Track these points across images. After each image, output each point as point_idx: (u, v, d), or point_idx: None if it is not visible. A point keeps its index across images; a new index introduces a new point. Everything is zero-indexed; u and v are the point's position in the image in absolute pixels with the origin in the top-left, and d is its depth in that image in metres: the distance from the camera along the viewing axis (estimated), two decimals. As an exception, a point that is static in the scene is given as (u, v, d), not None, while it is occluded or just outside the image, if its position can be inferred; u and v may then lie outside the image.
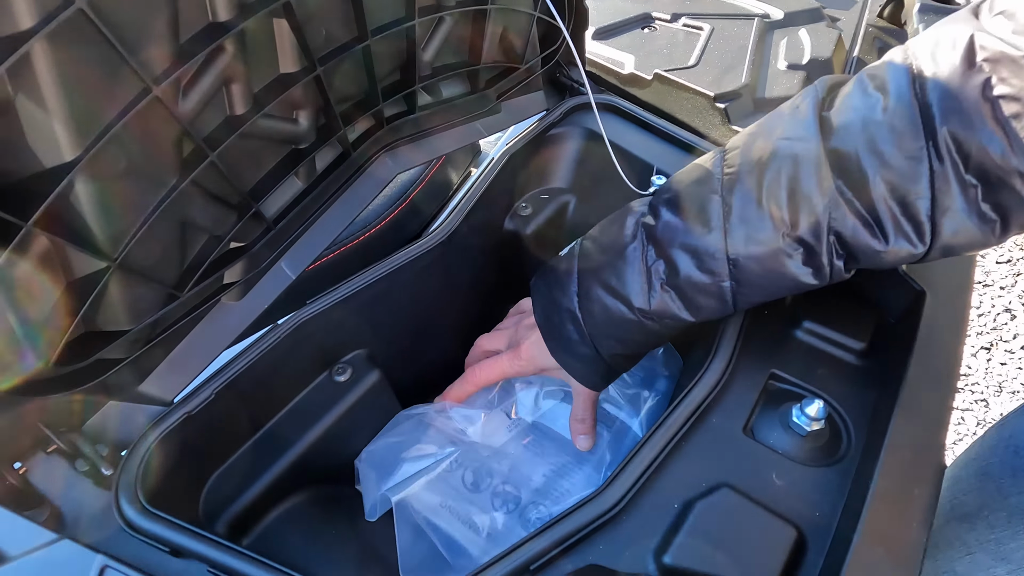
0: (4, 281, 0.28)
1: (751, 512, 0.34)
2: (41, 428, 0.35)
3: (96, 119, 0.29)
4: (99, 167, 0.30)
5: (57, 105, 0.28)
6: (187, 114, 0.33)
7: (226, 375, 0.41)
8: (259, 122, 0.37)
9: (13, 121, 0.27)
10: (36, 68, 0.26)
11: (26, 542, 0.30)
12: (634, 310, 0.42)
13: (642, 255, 0.42)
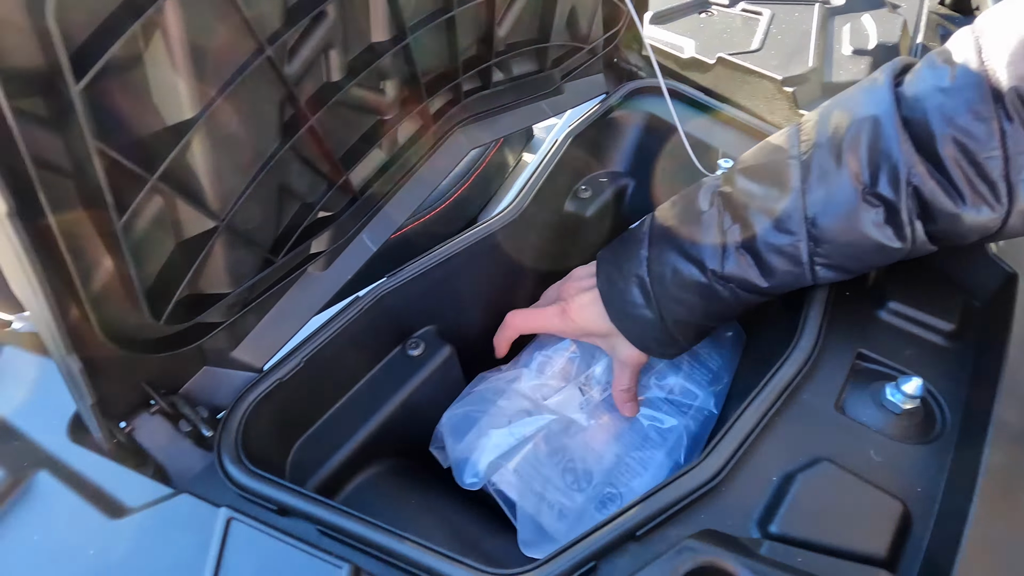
0: (128, 235, 0.29)
1: (855, 486, 0.33)
2: (145, 388, 0.36)
3: (214, 78, 0.30)
4: (214, 126, 0.31)
5: (181, 63, 0.28)
6: (292, 77, 0.33)
7: (314, 344, 0.41)
8: (351, 90, 0.38)
9: (141, 77, 0.28)
10: (165, 25, 0.27)
11: (143, 496, 0.31)
12: (707, 272, 0.42)
13: (718, 220, 0.42)
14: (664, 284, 0.44)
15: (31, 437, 0.34)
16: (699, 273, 0.42)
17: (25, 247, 0.25)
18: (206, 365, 0.39)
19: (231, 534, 0.28)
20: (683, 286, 0.43)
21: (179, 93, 0.28)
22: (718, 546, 0.29)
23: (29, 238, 0.25)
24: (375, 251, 0.45)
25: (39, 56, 0.23)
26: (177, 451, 0.36)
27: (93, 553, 0.29)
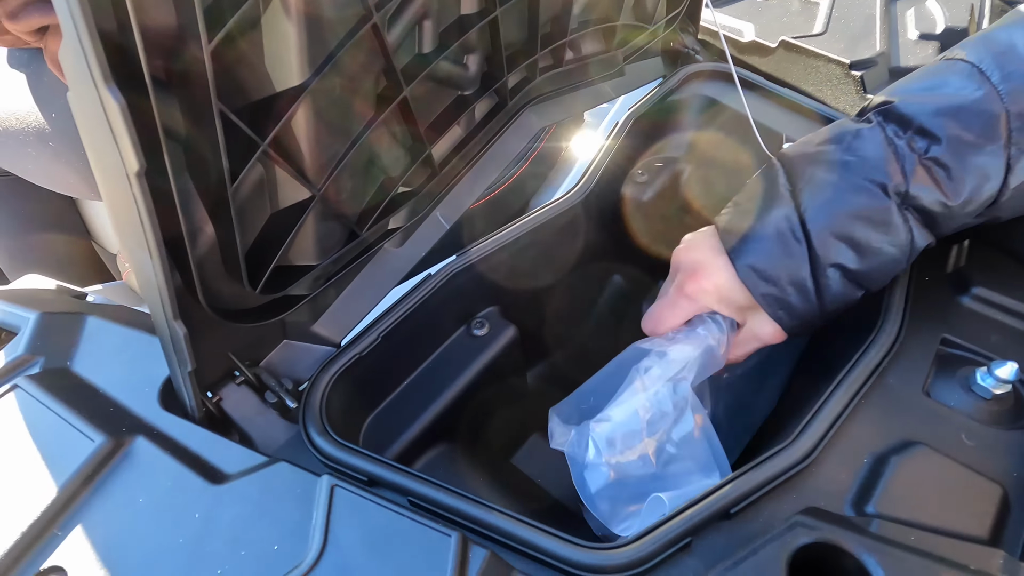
0: (234, 202, 0.29)
1: (952, 469, 0.33)
2: (231, 359, 0.36)
3: (322, 44, 0.30)
4: (317, 94, 0.30)
5: (295, 28, 0.28)
6: (390, 46, 0.33)
7: (390, 320, 0.41)
8: (438, 64, 0.38)
9: (257, 41, 0.27)
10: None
11: (240, 463, 0.31)
12: (887, 192, 0.36)
13: (883, 135, 0.37)
14: (823, 220, 0.37)
15: (125, 405, 0.35)
16: (875, 194, 0.36)
17: (148, 207, 0.25)
18: (286, 339, 0.40)
19: (336, 501, 0.29)
20: (848, 219, 0.37)
21: (290, 59, 0.28)
22: (830, 523, 0.28)
23: (152, 199, 0.25)
24: (448, 228, 0.44)
25: (172, 15, 0.23)
26: (263, 421, 0.36)
27: (199, 516, 0.29)
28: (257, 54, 0.28)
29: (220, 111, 0.25)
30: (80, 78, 0.22)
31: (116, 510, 0.29)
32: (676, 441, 0.41)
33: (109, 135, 0.23)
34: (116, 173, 0.24)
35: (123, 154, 0.23)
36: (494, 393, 0.51)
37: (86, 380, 0.36)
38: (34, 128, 0.57)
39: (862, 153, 0.38)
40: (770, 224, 0.39)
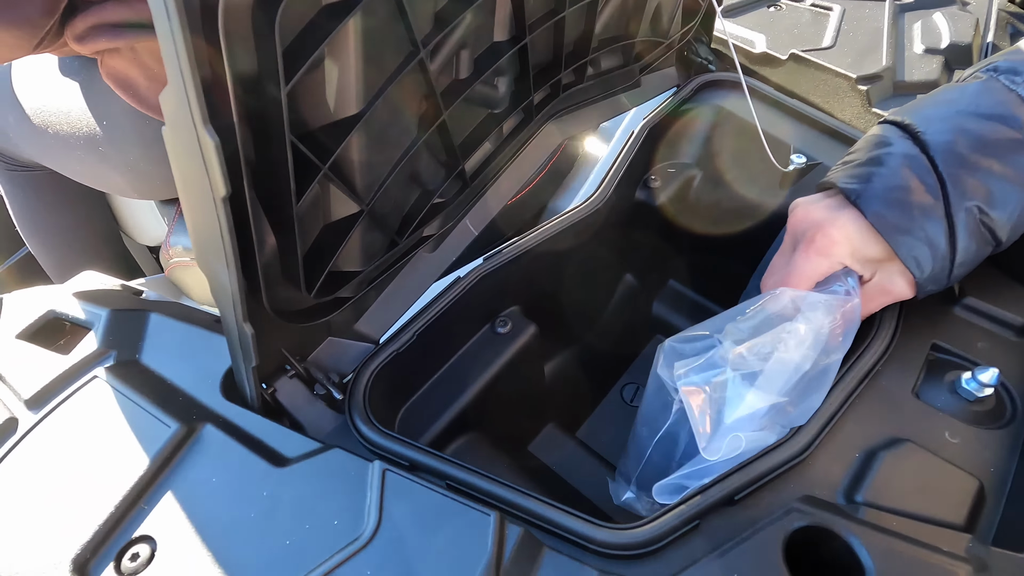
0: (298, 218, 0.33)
1: (934, 463, 0.36)
2: (283, 354, 0.40)
3: (376, 77, 0.33)
4: (370, 121, 0.34)
5: (353, 64, 0.31)
6: (434, 75, 0.37)
7: (424, 319, 0.45)
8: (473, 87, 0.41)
9: (320, 77, 0.31)
10: (345, 29, 0.30)
11: (298, 448, 0.35)
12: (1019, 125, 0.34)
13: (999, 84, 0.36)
14: (957, 158, 0.35)
15: (191, 394, 0.39)
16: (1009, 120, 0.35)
17: (230, 228, 0.29)
18: (330, 336, 0.43)
19: (388, 483, 0.33)
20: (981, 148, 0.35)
21: (349, 91, 0.32)
22: (822, 509, 0.32)
23: (236, 232, 0.28)
24: (476, 235, 0.48)
25: (255, 62, 0.27)
26: (313, 411, 0.40)
27: (267, 495, 0.33)
28: (320, 88, 0.31)
29: (291, 142, 0.29)
30: (180, 118, 0.26)
31: (193, 487, 0.33)
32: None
33: (202, 167, 0.27)
34: (203, 197, 0.28)
35: (212, 182, 0.27)
36: (514, 386, 0.55)
37: (155, 371, 0.40)
38: (84, 133, 0.60)
39: (976, 91, 0.36)
40: (893, 165, 0.37)
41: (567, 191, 0.74)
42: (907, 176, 0.37)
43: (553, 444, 0.65)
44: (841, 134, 0.61)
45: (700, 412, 0.38)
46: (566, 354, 0.68)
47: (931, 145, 0.37)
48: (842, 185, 0.40)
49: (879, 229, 0.38)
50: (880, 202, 0.38)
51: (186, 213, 0.30)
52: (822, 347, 0.39)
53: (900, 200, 0.37)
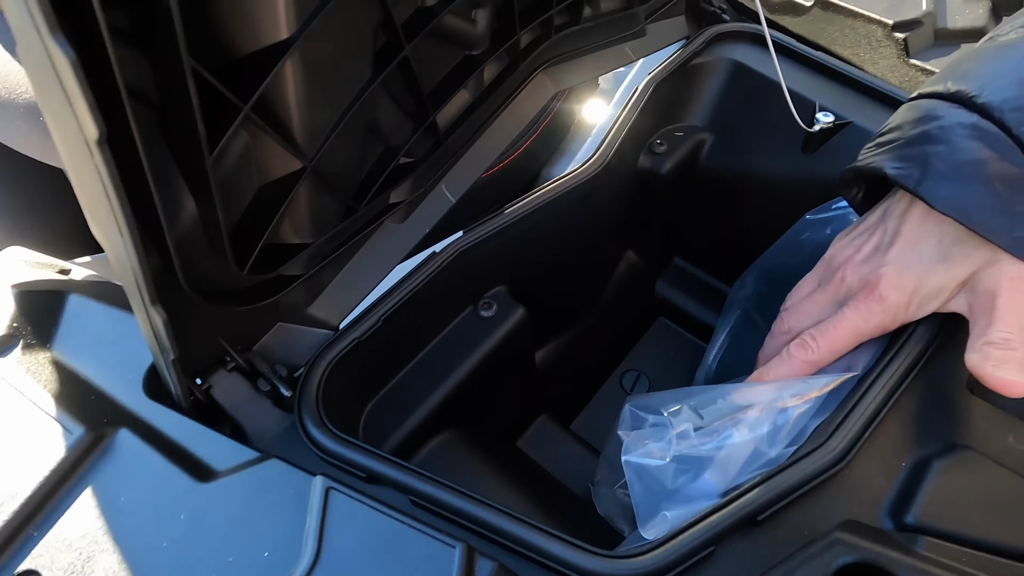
0: (215, 174, 0.26)
1: (1000, 475, 0.30)
2: (221, 344, 0.33)
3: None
4: (307, 51, 0.27)
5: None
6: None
7: (391, 301, 0.38)
8: (444, 18, 0.34)
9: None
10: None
11: (229, 458, 0.29)
12: None
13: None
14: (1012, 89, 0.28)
15: (107, 392, 0.32)
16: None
17: (114, 180, 0.22)
18: (280, 321, 0.37)
19: (331, 505, 0.26)
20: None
21: (276, 9, 0.25)
22: (872, 541, 0.26)
23: (119, 170, 0.22)
24: (455, 203, 0.41)
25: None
26: (256, 411, 0.34)
27: (185, 518, 0.27)
28: (238, 4, 0.24)
29: (193, 69, 0.22)
30: (24, 28, 0.19)
31: (96, 509, 0.27)
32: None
33: (63, 97, 0.20)
34: (75, 140, 0.21)
35: (80, 119, 0.20)
36: (501, 376, 0.48)
37: (66, 364, 0.33)
38: (24, 101, 0.53)
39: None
40: (953, 139, 0.29)
41: (564, 156, 0.67)
42: (976, 148, 0.29)
43: (545, 438, 0.59)
44: (874, 89, 0.53)
45: (640, 490, 0.35)
46: (560, 339, 0.61)
47: (993, 107, 0.29)
48: (892, 172, 0.31)
49: (961, 219, 0.29)
50: (951, 185, 0.30)
51: (65, 163, 0.23)
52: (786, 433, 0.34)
53: (976, 177, 0.29)
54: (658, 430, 0.37)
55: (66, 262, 0.43)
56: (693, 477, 0.35)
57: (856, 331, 0.34)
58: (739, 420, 0.35)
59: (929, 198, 0.30)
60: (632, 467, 0.36)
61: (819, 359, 0.35)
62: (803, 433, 0.34)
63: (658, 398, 0.38)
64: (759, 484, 0.29)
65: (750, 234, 0.56)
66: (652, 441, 0.36)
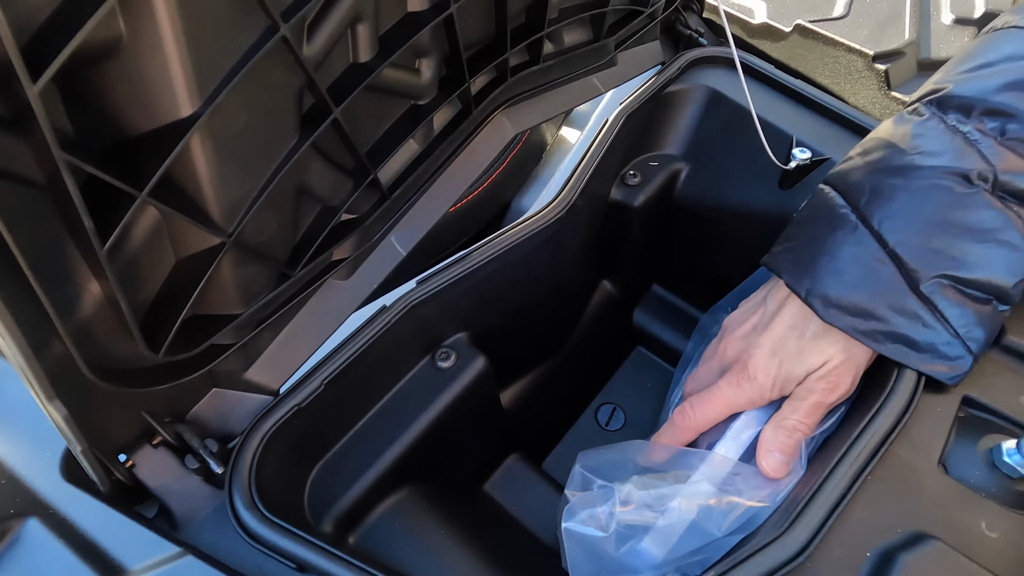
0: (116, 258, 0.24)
1: (968, 572, 0.28)
2: (145, 418, 0.31)
3: (217, 65, 0.24)
4: (218, 124, 0.25)
5: (175, 47, 0.22)
6: (312, 60, 0.27)
7: (336, 363, 0.36)
8: (382, 73, 0.31)
9: (125, 66, 0.22)
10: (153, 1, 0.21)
11: (144, 552, 0.27)
12: (970, 178, 0.31)
13: (944, 125, 0.33)
14: (904, 229, 0.32)
15: (20, 476, 0.30)
16: (957, 185, 0.32)
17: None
18: (215, 387, 0.35)
19: (243, 616, 0.24)
20: (934, 221, 0.32)
21: (173, 86, 0.23)
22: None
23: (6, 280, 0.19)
24: (404, 255, 0.39)
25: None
26: (184, 490, 0.32)
27: (86, 627, 0.25)
28: (127, 82, 0.22)
29: (67, 163, 0.20)
30: None
31: (-9, 618, 0.25)
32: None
33: None
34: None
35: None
36: (464, 426, 0.46)
37: (-23, 441, 0.31)
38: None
39: (926, 149, 0.33)
40: (842, 252, 0.34)
41: (535, 184, 0.65)
42: (858, 264, 0.33)
43: (515, 481, 0.57)
44: (854, 123, 0.51)
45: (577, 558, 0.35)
46: (530, 377, 0.59)
47: (881, 224, 0.33)
48: (786, 279, 0.36)
49: (845, 329, 0.34)
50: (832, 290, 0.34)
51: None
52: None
53: (856, 291, 0.33)
54: (604, 493, 0.36)
55: None
56: (633, 546, 0.34)
57: (728, 403, 0.38)
58: (680, 489, 0.34)
59: (816, 309, 0.34)
60: (571, 535, 0.35)
61: (696, 425, 0.39)
62: (752, 521, 0.32)
63: (610, 454, 0.39)
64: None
65: (729, 264, 0.54)
66: (595, 506, 0.35)
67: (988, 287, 0.33)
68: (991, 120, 0.32)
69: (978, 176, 0.32)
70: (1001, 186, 0.32)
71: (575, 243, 0.52)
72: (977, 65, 0.34)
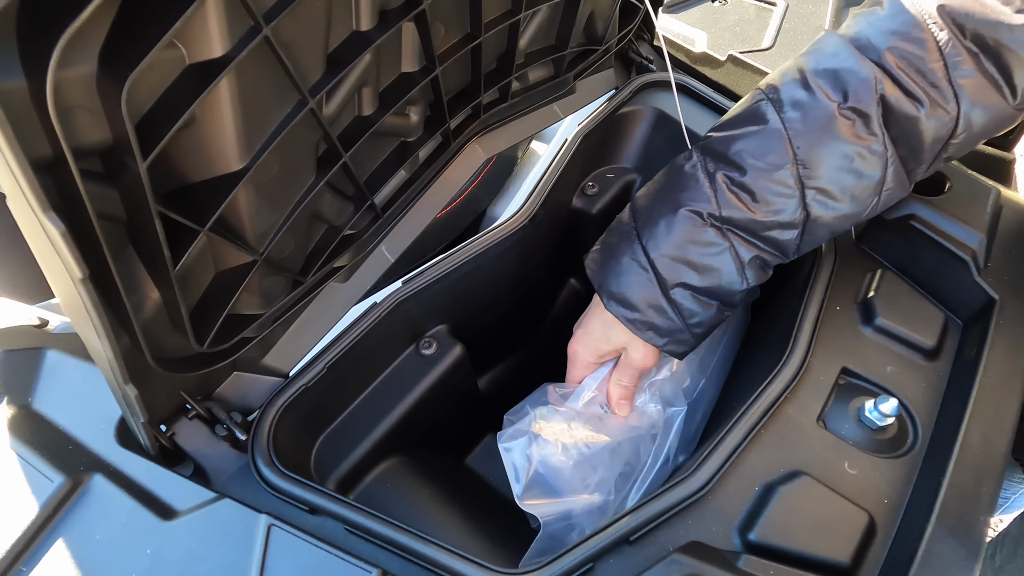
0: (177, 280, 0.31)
1: (827, 497, 0.37)
2: (182, 396, 0.39)
3: (261, 132, 0.31)
4: (257, 173, 0.32)
5: (231, 121, 0.29)
6: (328, 119, 0.35)
7: (335, 350, 0.44)
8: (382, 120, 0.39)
9: (194, 134, 0.29)
10: (218, 88, 0.28)
11: (189, 499, 0.35)
12: (703, 217, 0.43)
13: (702, 168, 0.44)
14: (661, 247, 0.44)
15: (83, 442, 0.37)
16: (697, 219, 0.43)
17: (95, 304, 0.27)
18: (236, 371, 0.42)
19: (272, 540, 0.32)
20: (680, 244, 0.44)
21: (229, 148, 0.30)
22: (702, 559, 0.33)
23: (100, 297, 0.27)
24: (393, 262, 0.47)
25: (107, 133, 0.25)
26: (215, 453, 0.39)
27: (150, 552, 0.32)
28: (195, 146, 0.29)
29: (159, 213, 0.27)
30: (19, 205, 0.23)
31: (75, 547, 0.33)
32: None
33: (52, 250, 0.25)
34: (62, 277, 0.26)
35: (67, 266, 0.25)
36: (444, 405, 0.54)
37: (46, 417, 0.39)
38: None
39: (684, 185, 0.44)
40: (623, 259, 0.46)
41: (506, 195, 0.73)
42: (631, 268, 0.45)
43: (492, 454, 0.65)
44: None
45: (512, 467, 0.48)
46: (505, 364, 0.67)
47: (647, 241, 0.45)
48: (590, 274, 0.48)
49: (615, 315, 0.46)
50: (617, 302, 0.46)
51: (52, 285, 0.28)
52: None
53: (629, 287, 0.45)
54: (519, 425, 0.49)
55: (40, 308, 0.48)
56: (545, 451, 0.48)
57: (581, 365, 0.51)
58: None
59: (603, 300, 0.47)
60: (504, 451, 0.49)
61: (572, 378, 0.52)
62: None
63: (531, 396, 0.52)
64: (634, 510, 0.36)
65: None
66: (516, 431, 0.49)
67: (716, 294, 0.45)
68: (730, 169, 0.43)
69: (709, 215, 0.43)
70: (725, 221, 0.43)
71: (539, 247, 0.60)
72: (731, 122, 0.44)
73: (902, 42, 0.39)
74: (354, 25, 0.32)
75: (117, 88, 0.22)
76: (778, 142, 0.41)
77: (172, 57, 0.25)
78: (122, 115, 0.23)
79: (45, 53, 0.19)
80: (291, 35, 0.28)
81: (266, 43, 0.26)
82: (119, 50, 0.22)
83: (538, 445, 0.48)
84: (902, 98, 0.40)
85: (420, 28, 0.36)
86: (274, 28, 0.26)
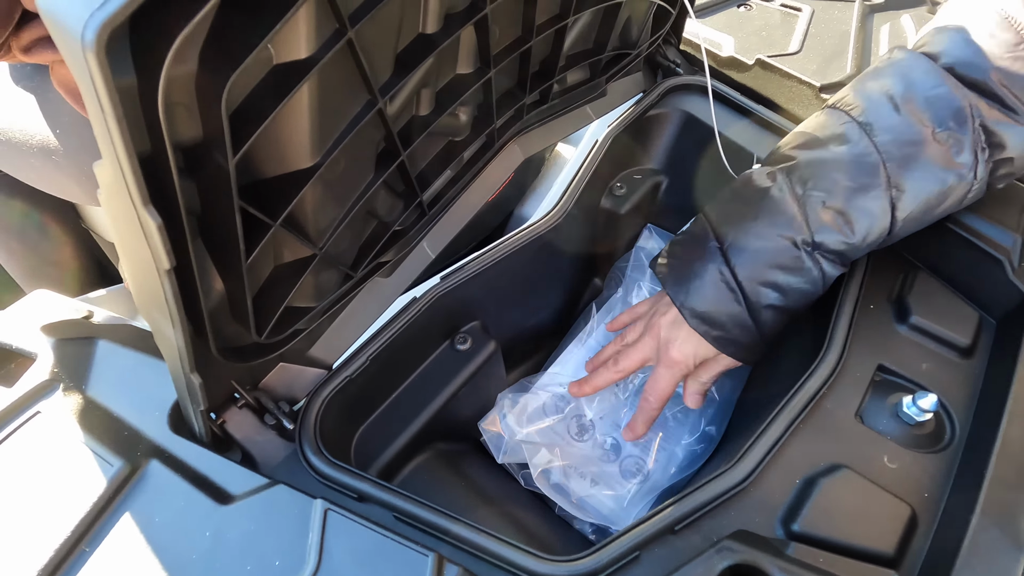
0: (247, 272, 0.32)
1: (869, 490, 0.37)
2: (233, 385, 0.40)
3: (333, 130, 0.32)
4: (327, 171, 0.33)
5: (307, 119, 0.30)
6: (391, 118, 0.36)
7: (377, 343, 0.45)
8: (435, 120, 0.40)
9: (272, 131, 0.30)
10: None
11: (243, 484, 0.35)
12: (796, 243, 0.43)
13: (789, 191, 0.44)
14: (749, 270, 0.45)
15: (138, 428, 0.38)
16: (789, 246, 0.43)
17: (176, 295, 0.28)
18: (282, 362, 0.43)
19: (329, 523, 0.33)
20: (770, 269, 0.44)
21: (303, 145, 0.31)
22: (753, 547, 0.33)
23: (180, 288, 0.28)
24: (433, 258, 0.48)
25: (200, 131, 0.26)
26: (263, 440, 0.40)
27: (209, 535, 0.33)
28: (273, 144, 0.30)
29: (240, 207, 0.28)
30: (119, 197, 0.24)
31: (136, 528, 0.34)
32: None
33: (144, 242, 0.25)
34: (146, 267, 0.27)
35: (156, 257, 0.26)
36: (477, 400, 0.55)
37: (101, 404, 0.39)
38: (38, 141, 0.59)
39: (772, 208, 0.45)
40: (707, 277, 0.46)
41: (534, 196, 0.74)
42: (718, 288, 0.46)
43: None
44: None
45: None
46: (534, 360, 0.68)
47: (736, 265, 0.45)
48: (668, 291, 0.48)
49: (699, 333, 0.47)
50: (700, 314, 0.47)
51: (128, 274, 0.29)
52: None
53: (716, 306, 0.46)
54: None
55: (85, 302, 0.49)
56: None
57: (640, 358, 0.51)
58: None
59: (686, 317, 0.47)
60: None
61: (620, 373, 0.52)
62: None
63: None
64: (678, 500, 0.37)
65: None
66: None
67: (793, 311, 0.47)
68: (818, 191, 0.43)
69: (802, 241, 0.44)
70: (817, 246, 0.44)
71: (569, 246, 0.61)
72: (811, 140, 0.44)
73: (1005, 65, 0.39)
74: (421, 28, 0.33)
75: (219, 87, 0.23)
76: (871, 166, 0.42)
77: (262, 58, 0.26)
78: (219, 112, 0.24)
79: (158, 53, 0.20)
80: (369, 37, 0.29)
81: (348, 45, 0.27)
82: (219, 50, 0.23)
83: (508, 418, 0.53)
84: (1000, 116, 0.40)
85: (479, 31, 0.36)
86: (357, 30, 0.27)
